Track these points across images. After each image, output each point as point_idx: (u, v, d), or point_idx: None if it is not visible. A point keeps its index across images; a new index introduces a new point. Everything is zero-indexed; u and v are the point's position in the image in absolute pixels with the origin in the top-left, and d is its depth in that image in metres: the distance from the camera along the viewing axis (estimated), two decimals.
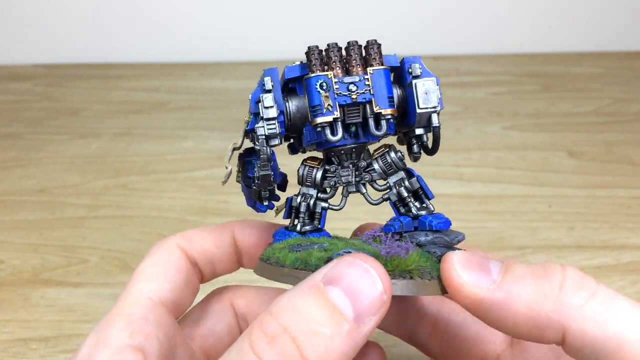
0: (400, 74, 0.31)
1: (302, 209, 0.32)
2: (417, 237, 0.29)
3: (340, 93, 0.29)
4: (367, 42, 0.30)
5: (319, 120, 0.29)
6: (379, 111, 0.29)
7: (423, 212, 0.31)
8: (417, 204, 0.31)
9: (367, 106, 0.29)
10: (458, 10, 1.08)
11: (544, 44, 1.10)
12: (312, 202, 0.32)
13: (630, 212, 0.62)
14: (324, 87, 0.29)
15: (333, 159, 0.32)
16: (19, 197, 0.67)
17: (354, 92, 0.29)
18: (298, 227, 0.32)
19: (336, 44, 0.30)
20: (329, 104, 0.29)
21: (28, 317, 0.49)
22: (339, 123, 0.29)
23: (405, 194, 0.31)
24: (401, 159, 0.31)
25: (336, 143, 0.30)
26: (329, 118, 0.29)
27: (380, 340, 0.44)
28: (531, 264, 0.25)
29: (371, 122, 0.29)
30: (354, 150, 0.31)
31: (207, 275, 0.34)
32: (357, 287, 0.23)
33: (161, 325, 0.28)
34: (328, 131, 0.29)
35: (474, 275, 0.25)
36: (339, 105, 0.29)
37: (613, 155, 0.73)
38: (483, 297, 0.24)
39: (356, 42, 0.30)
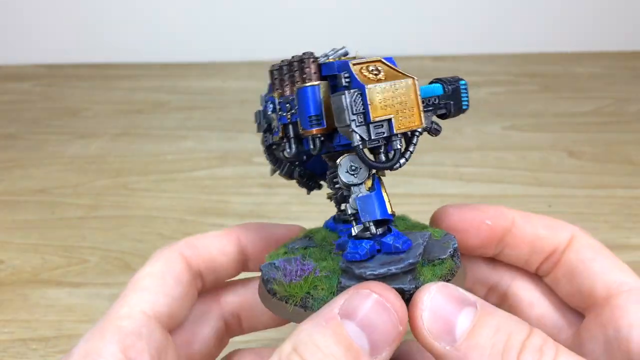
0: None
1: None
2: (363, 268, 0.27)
3: (281, 114, 0.29)
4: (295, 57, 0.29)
5: (271, 139, 0.30)
6: (302, 132, 0.28)
7: (380, 231, 0.28)
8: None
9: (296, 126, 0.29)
10: (458, 10, 1.08)
11: (544, 44, 1.10)
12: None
13: (630, 212, 0.62)
14: (272, 108, 0.30)
15: None
16: (19, 197, 0.67)
17: (289, 111, 0.29)
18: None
19: (288, 60, 0.29)
20: (274, 124, 0.30)
21: (28, 317, 0.49)
22: (292, 140, 0.29)
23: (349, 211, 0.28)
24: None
25: (291, 157, 0.29)
26: (276, 138, 0.30)
27: None
28: (504, 323, 0.24)
29: (309, 141, 0.28)
30: (327, 159, 0.30)
31: (208, 284, 0.33)
32: (373, 321, 0.24)
33: (153, 341, 0.28)
34: (286, 147, 0.29)
35: (437, 327, 0.25)
36: (283, 125, 0.29)
37: (613, 155, 0.73)
38: (440, 354, 0.24)
39: (298, 57, 0.29)
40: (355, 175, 0.28)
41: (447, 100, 0.29)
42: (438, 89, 0.29)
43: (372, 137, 0.26)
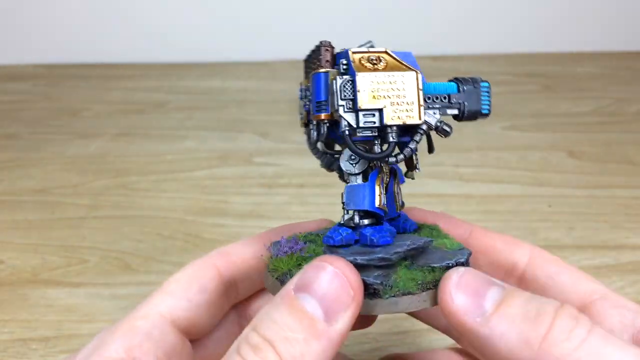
0: None
1: None
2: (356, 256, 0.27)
3: (304, 101, 0.30)
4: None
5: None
6: (311, 117, 0.28)
7: (365, 222, 0.28)
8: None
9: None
10: (458, 11, 1.08)
11: (544, 44, 1.10)
12: None
13: (630, 212, 0.62)
14: (300, 97, 0.30)
15: None
16: (19, 197, 0.67)
17: (306, 98, 0.29)
18: None
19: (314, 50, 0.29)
20: (301, 112, 0.30)
21: (28, 317, 0.49)
22: (313, 126, 0.29)
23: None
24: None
25: (314, 143, 0.29)
26: (301, 123, 0.30)
27: (381, 340, 0.44)
28: (532, 297, 0.24)
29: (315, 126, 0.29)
30: (341, 147, 0.31)
31: (245, 292, 0.33)
32: (324, 289, 0.24)
33: (163, 343, 0.28)
34: (311, 134, 0.29)
35: (467, 301, 0.25)
36: (305, 112, 0.29)
37: (613, 155, 0.73)
38: (469, 328, 0.24)
39: (318, 46, 0.29)
40: (354, 165, 0.28)
41: (460, 100, 0.28)
42: (452, 88, 0.28)
43: (361, 125, 0.26)
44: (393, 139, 0.26)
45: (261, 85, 0.99)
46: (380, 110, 0.26)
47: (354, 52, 0.27)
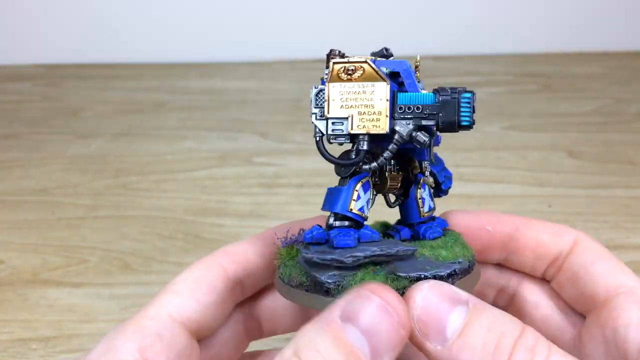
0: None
1: None
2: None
3: None
4: None
5: None
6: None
7: (336, 224, 0.29)
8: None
9: None
10: (458, 10, 1.08)
11: (544, 44, 1.10)
12: None
13: (630, 212, 0.62)
14: None
15: None
16: (19, 197, 0.67)
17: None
18: None
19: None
20: None
21: (28, 317, 0.49)
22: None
23: None
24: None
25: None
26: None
27: None
28: (495, 320, 0.24)
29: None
30: None
31: (249, 291, 0.33)
32: (374, 325, 0.23)
33: (174, 345, 0.28)
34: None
35: (427, 325, 0.24)
36: None
37: (613, 155, 0.73)
38: (429, 353, 0.24)
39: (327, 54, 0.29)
40: (342, 169, 0.29)
41: (435, 111, 0.27)
42: (428, 98, 0.27)
43: (330, 132, 0.27)
44: (362, 147, 0.27)
45: (261, 85, 0.99)
46: (347, 119, 0.27)
47: (335, 63, 0.27)
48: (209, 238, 0.59)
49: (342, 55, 0.28)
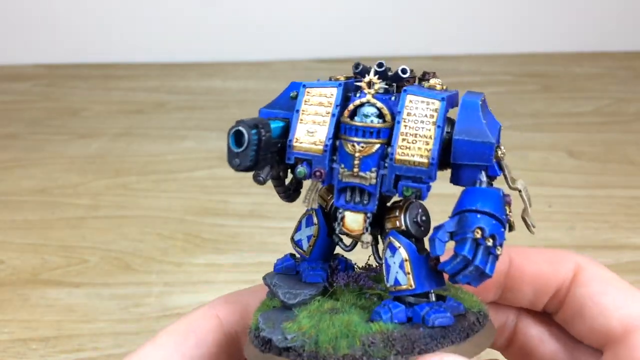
0: None
1: None
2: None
3: None
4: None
5: None
6: None
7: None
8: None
9: None
10: (457, 10, 1.08)
11: (544, 44, 1.10)
12: None
13: (630, 212, 0.62)
14: None
15: None
16: (19, 197, 0.67)
17: None
18: None
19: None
20: None
21: (28, 317, 0.49)
22: None
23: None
24: None
25: None
26: None
27: None
28: None
29: None
30: None
31: None
32: None
33: None
34: None
35: None
36: None
37: (613, 155, 0.73)
38: None
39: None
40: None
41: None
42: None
43: None
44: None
45: (261, 85, 0.99)
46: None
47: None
48: (209, 238, 0.59)
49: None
